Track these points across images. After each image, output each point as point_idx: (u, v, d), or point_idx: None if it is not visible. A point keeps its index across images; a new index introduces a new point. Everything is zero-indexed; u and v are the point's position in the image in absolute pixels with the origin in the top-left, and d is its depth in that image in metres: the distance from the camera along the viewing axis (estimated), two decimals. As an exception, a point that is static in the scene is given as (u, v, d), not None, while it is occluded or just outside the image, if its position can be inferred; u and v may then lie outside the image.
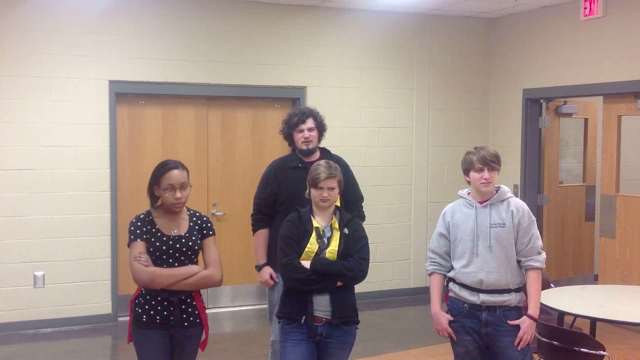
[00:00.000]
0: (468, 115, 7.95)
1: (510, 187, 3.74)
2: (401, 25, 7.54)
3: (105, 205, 6.52)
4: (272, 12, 7.01)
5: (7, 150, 6.20)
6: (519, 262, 3.60)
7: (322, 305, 3.51)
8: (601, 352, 3.84)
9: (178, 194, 3.45)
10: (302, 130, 4.33)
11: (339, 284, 3.51)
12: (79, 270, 6.44)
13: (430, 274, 3.77)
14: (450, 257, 3.70)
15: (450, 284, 3.70)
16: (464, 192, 3.77)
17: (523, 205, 3.66)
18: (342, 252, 3.53)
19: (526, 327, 3.53)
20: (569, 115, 7.67)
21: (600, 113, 7.56)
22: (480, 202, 3.64)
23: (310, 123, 4.35)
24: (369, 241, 3.68)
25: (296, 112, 4.40)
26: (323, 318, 3.51)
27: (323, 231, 3.56)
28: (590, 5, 6.57)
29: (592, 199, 7.86)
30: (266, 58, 7.03)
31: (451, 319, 3.65)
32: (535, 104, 7.45)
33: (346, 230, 3.59)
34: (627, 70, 6.31)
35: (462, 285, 3.62)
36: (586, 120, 7.86)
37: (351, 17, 7.31)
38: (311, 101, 7.05)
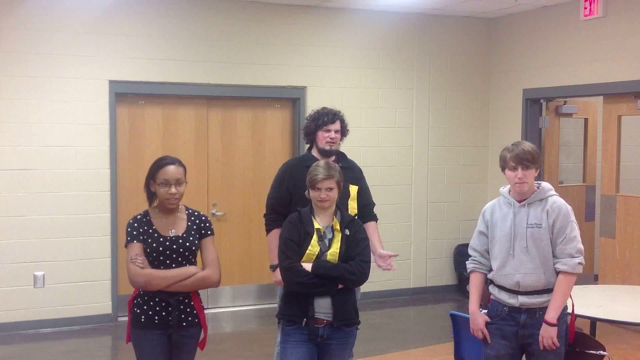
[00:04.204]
0: (468, 115, 7.95)
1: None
2: (401, 25, 7.54)
3: (105, 205, 6.51)
4: (272, 12, 7.01)
5: (7, 150, 6.20)
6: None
7: (323, 307, 3.49)
8: (601, 352, 3.83)
9: (172, 190, 3.44)
10: (329, 130, 4.31)
11: (340, 286, 3.50)
12: (79, 270, 6.44)
13: (470, 272, 3.72)
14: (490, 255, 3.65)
15: (490, 287, 3.65)
16: (505, 189, 3.67)
17: (562, 204, 3.52)
18: (344, 254, 3.51)
19: (542, 331, 3.45)
20: (569, 115, 7.67)
21: (600, 113, 7.56)
22: (519, 201, 3.55)
23: (338, 125, 4.35)
24: (370, 242, 3.67)
25: (326, 112, 4.37)
26: (324, 320, 3.50)
27: (324, 232, 3.54)
28: (590, 5, 6.57)
29: (592, 199, 7.86)
30: (266, 58, 7.03)
31: (488, 320, 3.60)
32: (535, 104, 7.45)
33: (347, 232, 3.57)
34: (627, 70, 6.31)
35: (501, 288, 3.57)
36: (586, 120, 7.85)
37: (351, 17, 7.31)
38: (311, 101, 7.05)
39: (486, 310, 3.69)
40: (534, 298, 3.49)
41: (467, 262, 3.78)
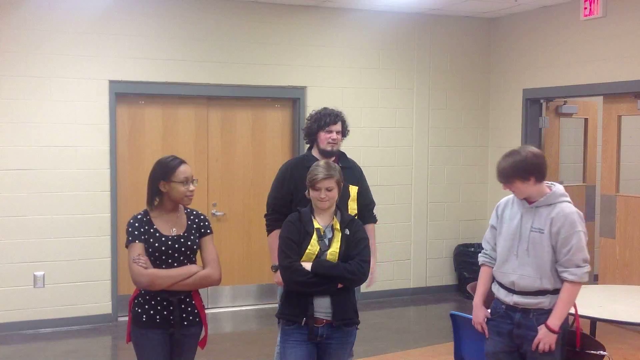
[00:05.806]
0: (468, 115, 7.95)
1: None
2: (401, 25, 7.54)
3: (105, 205, 6.52)
4: (272, 12, 7.01)
5: (7, 150, 6.20)
6: (557, 270, 3.47)
7: (322, 306, 3.50)
8: (601, 352, 3.83)
9: (192, 187, 3.52)
10: (331, 131, 4.32)
11: (339, 286, 3.50)
12: (79, 270, 6.44)
13: (480, 265, 3.76)
14: None
15: (493, 284, 3.68)
16: None
17: (569, 213, 3.43)
18: (343, 253, 3.52)
19: (541, 335, 3.43)
20: (569, 115, 7.67)
21: (600, 113, 7.57)
22: (530, 202, 3.53)
23: (339, 126, 4.36)
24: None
25: (329, 112, 4.37)
26: (323, 319, 3.51)
27: (324, 232, 3.54)
28: (590, 5, 6.57)
29: (592, 199, 7.86)
30: (266, 58, 7.03)
31: (489, 315, 3.65)
32: (535, 104, 7.45)
33: (347, 232, 3.57)
34: (627, 70, 6.31)
35: (500, 285, 3.61)
36: (586, 120, 7.86)
37: (351, 17, 7.31)
38: (311, 101, 7.06)
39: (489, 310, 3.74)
40: (527, 298, 3.50)
41: (479, 254, 3.80)
